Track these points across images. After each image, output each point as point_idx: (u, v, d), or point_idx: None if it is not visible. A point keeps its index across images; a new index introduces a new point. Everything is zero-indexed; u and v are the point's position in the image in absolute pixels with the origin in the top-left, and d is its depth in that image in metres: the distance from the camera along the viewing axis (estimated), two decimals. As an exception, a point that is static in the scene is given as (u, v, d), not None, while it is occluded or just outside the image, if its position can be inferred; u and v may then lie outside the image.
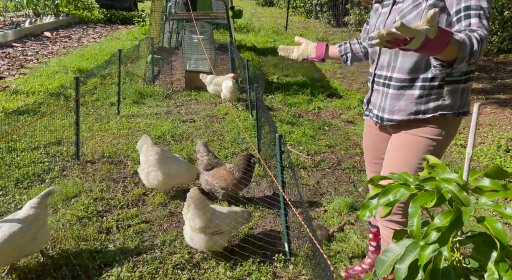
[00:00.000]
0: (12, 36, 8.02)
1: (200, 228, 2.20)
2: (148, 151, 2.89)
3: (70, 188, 2.93)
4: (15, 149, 3.53)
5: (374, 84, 1.77)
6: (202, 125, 4.60)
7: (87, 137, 3.99)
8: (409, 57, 1.57)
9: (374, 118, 1.78)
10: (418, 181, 1.00)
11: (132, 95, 5.41)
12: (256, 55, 8.47)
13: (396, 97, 1.65)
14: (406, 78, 1.59)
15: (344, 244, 2.55)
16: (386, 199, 1.01)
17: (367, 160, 2.05)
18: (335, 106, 5.63)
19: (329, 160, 3.88)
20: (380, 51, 1.70)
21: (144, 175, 2.88)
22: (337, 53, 1.97)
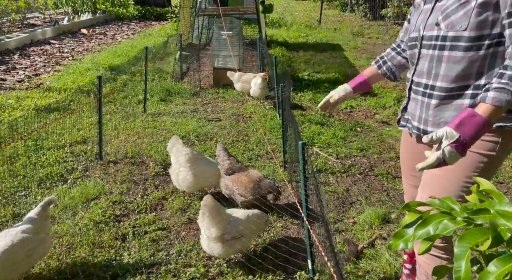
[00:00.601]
0: (51, 33, 8.28)
1: (217, 237, 2.09)
2: (178, 152, 2.84)
3: (90, 190, 2.90)
4: (42, 147, 3.57)
5: (411, 92, 1.55)
6: (228, 125, 4.47)
7: (112, 135, 3.98)
8: (456, 64, 1.35)
9: (415, 130, 1.56)
10: (467, 213, 0.79)
11: (159, 92, 5.38)
12: (287, 50, 8.23)
13: (440, 107, 1.43)
14: (453, 87, 1.39)
15: (375, 263, 2.32)
16: (424, 232, 0.82)
17: (404, 172, 1.83)
18: (369, 105, 5.31)
19: (360, 165, 3.62)
20: (419, 55, 1.48)
21: (175, 176, 2.83)
22: (380, 75, 1.79)
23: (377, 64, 1.77)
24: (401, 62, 1.73)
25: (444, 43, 1.34)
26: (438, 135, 1.22)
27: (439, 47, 1.36)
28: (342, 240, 2.52)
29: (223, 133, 4.24)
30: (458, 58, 1.32)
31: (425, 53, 1.43)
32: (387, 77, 1.77)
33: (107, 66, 6.26)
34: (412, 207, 0.91)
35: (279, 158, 3.68)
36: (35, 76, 5.70)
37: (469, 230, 0.74)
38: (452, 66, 1.35)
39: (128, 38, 9.20)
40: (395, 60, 1.73)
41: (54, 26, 8.63)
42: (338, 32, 11.52)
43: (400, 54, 1.73)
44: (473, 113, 1.21)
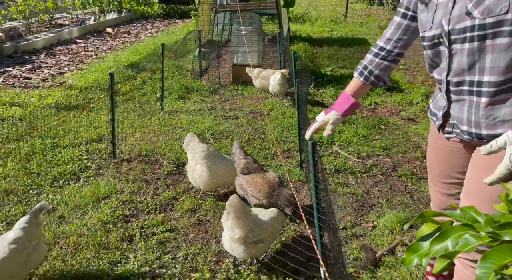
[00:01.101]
0: (77, 33, 8.47)
1: (240, 238, 2.02)
2: (194, 149, 2.77)
3: (102, 189, 2.87)
4: (58, 145, 3.59)
5: (450, 94, 1.34)
6: (245, 122, 4.36)
7: (128, 133, 3.96)
8: (504, 52, 1.16)
9: (466, 136, 1.34)
10: (493, 227, 0.67)
11: (178, 90, 5.34)
12: (310, 46, 8.00)
13: (493, 105, 1.23)
14: (505, 79, 1.19)
15: (394, 272, 2.14)
16: (442, 247, 0.70)
17: (431, 177, 1.63)
18: (395, 101, 5.04)
19: (383, 165, 3.41)
20: (450, 52, 1.27)
21: (190, 173, 2.77)
22: (367, 87, 1.60)
23: (363, 76, 1.56)
24: (389, 67, 1.54)
25: (483, 32, 1.16)
26: (499, 143, 1.06)
27: (478, 38, 1.18)
28: (359, 246, 2.34)
29: (239, 131, 4.13)
30: (504, 46, 1.14)
31: (460, 48, 1.24)
32: (375, 85, 1.58)
33: (128, 64, 6.30)
34: (428, 217, 0.78)
35: (296, 157, 3.53)
36: (58, 75, 5.82)
37: (494, 248, 0.63)
38: (499, 56, 1.16)
39: (152, 36, 9.27)
40: (381, 66, 1.53)
41: (81, 25, 8.83)
42: (364, 26, 11.15)
43: (385, 58, 1.52)
44: None
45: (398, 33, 1.47)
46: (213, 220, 2.61)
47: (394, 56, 1.51)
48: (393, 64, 1.54)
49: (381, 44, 1.52)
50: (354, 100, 1.55)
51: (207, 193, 2.91)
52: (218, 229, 2.50)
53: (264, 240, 2.08)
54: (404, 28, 1.46)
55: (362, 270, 2.16)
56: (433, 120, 1.47)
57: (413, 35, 1.48)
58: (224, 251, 2.29)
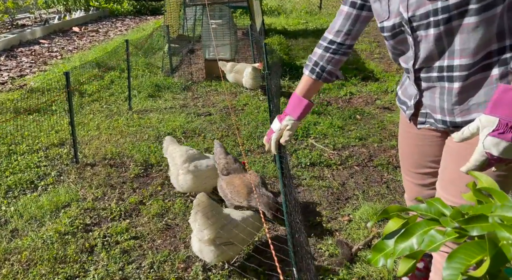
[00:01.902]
0: (40, 33, 8.07)
1: (210, 239, 1.88)
2: (174, 153, 2.61)
3: (62, 197, 2.67)
4: (15, 152, 3.35)
5: (421, 82, 1.23)
6: (218, 119, 4.20)
7: (93, 136, 3.74)
8: (473, 32, 1.05)
9: (440, 124, 1.25)
10: (459, 221, 0.59)
11: (148, 88, 5.13)
12: (286, 38, 7.90)
13: (467, 89, 1.13)
14: (476, 60, 1.09)
15: (371, 267, 2.04)
16: (407, 245, 0.63)
17: (404, 168, 1.54)
18: (370, 91, 4.98)
19: (358, 155, 3.33)
20: (415, 40, 1.16)
21: (173, 179, 2.61)
22: (320, 84, 1.46)
23: (315, 73, 1.43)
24: (340, 60, 1.42)
25: (448, 15, 1.06)
26: (472, 129, 0.99)
27: (443, 21, 1.07)
28: (334, 241, 2.24)
29: (212, 128, 3.98)
30: (472, 25, 1.05)
31: (424, 35, 1.13)
32: (327, 81, 1.45)
33: (90, 62, 6.02)
34: (392, 213, 0.70)
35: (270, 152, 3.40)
36: (19, 77, 5.50)
37: (461, 245, 0.56)
38: (469, 37, 1.07)
39: (122, 34, 8.95)
40: (332, 61, 1.41)
41: (44, 25, 8.42)
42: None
43: (336, 52, 1.39)
44: (506, 88, 0.97)
45: (348, 24, 1.35)
46: (182, 223, 2.45)
47: (345, 48, 1.38)
48: (344, 57, 1.42)
49: (331, 37, 1.39)
50: (307, 102, 1.43)
51: (175, 195, 2.75)
52: (187, 232, 2.35)
53: (235, 242, 1.96)
54: (353, 18, 1.34)
55: (337, 266, 2.06)
56: (403, 109, 1.36)
57: (363, 25, 1.36)
58: (194, 256, 2.15)
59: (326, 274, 1.99)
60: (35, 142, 3.52)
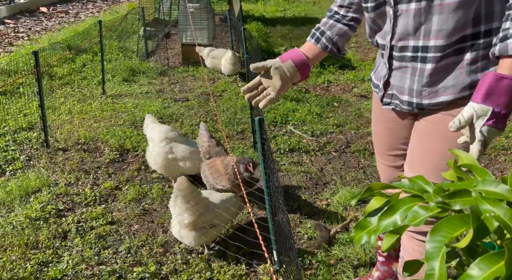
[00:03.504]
0: (6, 13, 7.61)
1: (190, 223, 1.86)
2: (154, 131, 2.55)
3: (32, 182, 2.56)
4: (-20, 136, 3.17)
5: (393, 60, 1.23)
6: (196, 105, 4.14)
7: (65, 120, 3.59)
8: (452, 13, 1.06)
9: (405, 106, 1.25)
10: (442, 196, 0.60)
11: (122, 72, 4.96)
12: (263, 25, 7.82)
13: (438, 71, 1.14)
14: (451, 42, 1.10)
15: (348, 249, 2.09)
16: (391, 221, 0.63)
17: (378, 151, 1.55)
18: (347, 79, 5.03)
19: (336, 142, 3.37)
20: (395, 13, 1.15)
21: (148, 155, 2.56)
22: (319, 51, 1.35)
23: (314, 37, 1.35)
24: (343, 30, 1.34)
25: None
26: (466, 117, 0.98)
27: None
28: (313, 225, 2.27)
29: (189, 113, 3.91)
30: (453, 5, 1.05)
31: (405, 9, 1.13)
32: (329, 51, 1.34)
33: (66, 46, 5.76)
34: (376, 191, 0.70)
35: (250, 139, 3.39)
36: (-17, 58, 5.19)
37: (444, 219, 0.57)
38: (448, 17, 1.07)
39: (93, 16, 8.59)
40: (334, 28, 1.34)
41: (10, 4, 7.95)
42: (317, 5, 11.11)
43: (339, 21, 1.35)
44: (498, 76, 0.97)
45: None
46: (160, 208, 2.41)
47: (349, 20, 1.36)
48: (349, 30, 1.36)
49: (335, 8, 1.38)
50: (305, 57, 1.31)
51: (153, 180, 2.69)
52: (165, 218, 2.32)
53: (216, 225, 1.94)
54: None
55: (316, 249, 2.09)
56: (376, 91, 1.37)
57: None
58: (172, 240, 2.12)
59: (305, 256, 2.02)
60: (2, 126, 3.34)
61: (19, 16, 7.77)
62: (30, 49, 5.61)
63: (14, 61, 5.04)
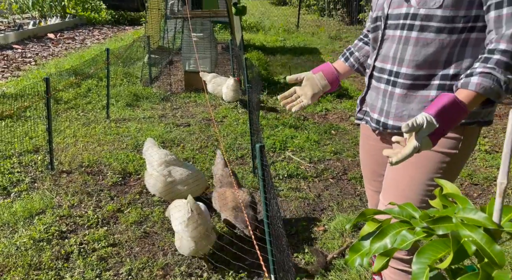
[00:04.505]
0: (14, 38, 7.87)
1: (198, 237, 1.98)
2: (152, 155, 2.63)
3: (36, 204, 2.61)
4: (-14, 158, 3.25)
5: (372, 80, 1.36)
6: (197, 130, 4.25)
7: (70, 143, 3.68)
8: (425, 47, 1.18)
9: (373, 124, 1.37)
10: (427, 222, 0.67)
11: (126, 97, 5.11)
12: (264, 54, 8.08)
13: (404, 98, 1.25)
14: (419, 74, 1.22)
15: (344, 274, 2.13)
16: (381, 245, 0.70)
17: (366, 178, 1.65)
18: (345, 108, 5.19)
19: (333, 169, 3.45)
20: (382, 37, 1.29)
21: (147, 179, 2.62)
22: (348, 68, 1.54)
23: (344, 56, 1.56)
24: (369, 52, 1.51)
25: (413, 22, 1.19)
26: (418, 122, 1.05)
27: (408, 27, 1.21)
28: (310, 250, 2.32)
29: (191, 138, 4.01)
30: (428, 41, 1.18)
31: (391, 35, 1.26)
32: (355, 69, 1.52)
33: (72, 71, 5.94)
34: (369, 216, 0.77)
35: (249, 164, 3.47)
36: (-9, 82, 5.35)
37: (429, 243, 0.63)
38: (420, 50, 1.19)
39: (99, 43, 8.87)
40: (362, 50, 1.53)
41: (18, 30, 8.22)
42: (316, 36, 11.49)
43: (367, 43, 1.52)
44: (456, 101, 1.07)
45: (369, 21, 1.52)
46: (161, 231, 2.46)
47: None
48: None
49: (365, 31, 1.56)
50: (330, 64, 1.50)
51: (154, 203, 2.76)
52: (166, 240, 2.36)
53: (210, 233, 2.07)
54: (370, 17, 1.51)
55: (313, 274, 2.13)
56: (356, 110, 1.51)
57: None
58: (172, 264, 2.16)
59: (302, 281, 2.06)
60: (8, 148, 3.43)
61: (27, 42, 8.03)
62: (37, 74, 5.80)
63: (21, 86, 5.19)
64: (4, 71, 5.97)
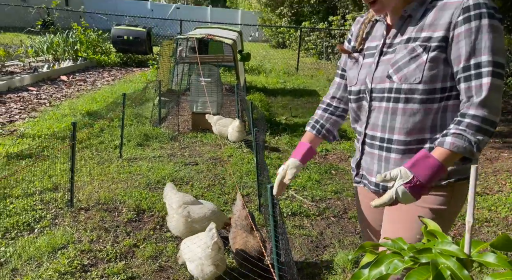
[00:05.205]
0: (29, 80, 8.31)
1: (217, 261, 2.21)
2: (171, 198, 2.84)
3: (58, 239, 2.80)
4: (10, 195, 3.46)
5: (365, 146, 1.47)
6: (205, 168, 4.49)
7: (86, 182, 3.91)
8: (412, 116, 1.31)
9: (372, 187, 1.48)
10: (413, 252, 0.85)
11: (137, 137, 5.40)
12: (265, 96, 8.51)
13: (401, 162, 1.36)
14: (411, 139, 1.34)
15: (348, 307, 2.29)
16: (378, 272, 0.86)
17: (365, 235, 1.71)
18: (343, 149, 5.47)
19: (334, 208, 3.66)
20: (370, 108, 1.42)
21: (169, 223, 2.80)
22: (319, 140, 1.64)
23: (315, 129, 1.64)
24: (337, 122, 1.66)
25: (398, 96, 1.32)
26: (393, 174, 1.21)
27: (394, 100, 1.33)
28: (315, 285, 2.49)
29: (199, 177, 4.24)
30: (414, 110, 1.31)
31: (377, 106, 1.39)
32: (326, 139, 1.65)
33: (85, 112, 6.28)
34: (367, 248, 0.96)
35: (255, 202, 3.68)
36: (9, 123, 5.64)
37: (414, 269, 0.79)
38: (409, 119, 1.32)
39: (109, 84, 9.33)
40: (330, 121, 1.64)
41: (33, 73, 8.69)
42: (314, 78, 12.06)
43: (333, 113, 1.64)
44: (427, 155, 1.21)
45: (340, 91, 1.62)
46: (175, 266, 2.63)
47: (341, 111, 1.64)
48: (341, 120, 1.65)
49: (327, 100, 1.66)
50: (308, 145, 1.58)
51: (167, 239, 2.94)
52: (180, 274, 2.53)
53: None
54: (343, 87, 1.61)
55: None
56: (353, 174, 1.57)
57: None
58: (187, 296, 2.32)
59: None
60: (29, 186, 3.65)
61: (41, 84, 8.47)
62: (53, 115, 6.13)
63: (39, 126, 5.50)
64: (21, 112, 6.30)
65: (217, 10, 27.87)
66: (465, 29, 1.20)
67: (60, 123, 5.70)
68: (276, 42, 20.81)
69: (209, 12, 26.40)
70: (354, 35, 1.54)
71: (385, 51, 1.38)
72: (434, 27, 1.26)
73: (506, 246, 0.81)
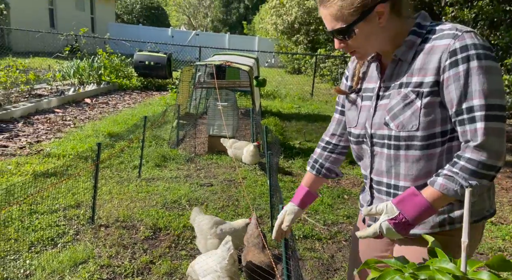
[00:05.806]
0: (56, 103, 8.75)
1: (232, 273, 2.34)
2: (200, 222, 2.97)
3: (79, 254, 2.94)
4: (36, 212, 3.66)
5: (373, 190, 1.42)
6: (219, 190, 4.62)
7: (106, 200, 4.09)
8: (416, 163, 1.26)
9: None
10: (413, 269, 0.93)
11: (155, 158, 5.60)
12: (280, 120, 8.69)
13: None
14: (418, 185, 1.27)
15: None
16: None
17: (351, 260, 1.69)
18: (356, 174, 5.52)
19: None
20: (372, 153, 1.37)
21: (202, 246, 2.90)
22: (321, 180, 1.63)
23: (315, 169, 1.60)
24: (338, 159, 1.61)
25: (398, 143, 1.27)
26: (379, 209, 1.20)
27: (394, 147, 1.28)
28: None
29: (214, 198, 4.37)
30: (416, 157, 1.25)
31: (379, 151, 1.34)
32: (328, 177, 1.61)
33: (107, 133, 6.57)
34: (371, 264, 1.05)
35: (267, 224, 3.77)
36: (36, 143, 5.96)
37: None
38: (412, 165, 1.27)
39: (129, 107, 9.71)
40: (330, 159, 1.59)
41: (60, 96, 9.15)
42: (329, 104, 12.22)
43: (333, 151, 1.59)
44: (415, 192, 1.18)
45: (340, 128, 1.56)
46: (189, 283, 2.72)
47: (341, 149, 1.58)
48: (341, 156, 1.59)
49: (327, 138, 1.60)
50: (307, 189, 1.56)
51: (182, 257, 3.04)
52: (193, 292, 2.62)
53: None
54: (343, 124, 1.54)
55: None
56: (361, 211, 1.54)
57: None
58: (200, 313, 2.39)
59: None
60: (54, 203, 3.85)
61: (67, 106, 8.90)
62: (77, 135, 6.43)
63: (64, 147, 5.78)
64: (47, 132, 6.64)
65: (235, 37, 28.78)
66: (453, 73, 1.16)
67: (84, 143, 5.97)
68: (292, 68, 21.22)
69: (227, 38, 27.30)
70: (350, 74, 1.51)
71: (381, 95, 1.33)
72: (424, 72, 1.21)
73: (502, 266, 0.87)
